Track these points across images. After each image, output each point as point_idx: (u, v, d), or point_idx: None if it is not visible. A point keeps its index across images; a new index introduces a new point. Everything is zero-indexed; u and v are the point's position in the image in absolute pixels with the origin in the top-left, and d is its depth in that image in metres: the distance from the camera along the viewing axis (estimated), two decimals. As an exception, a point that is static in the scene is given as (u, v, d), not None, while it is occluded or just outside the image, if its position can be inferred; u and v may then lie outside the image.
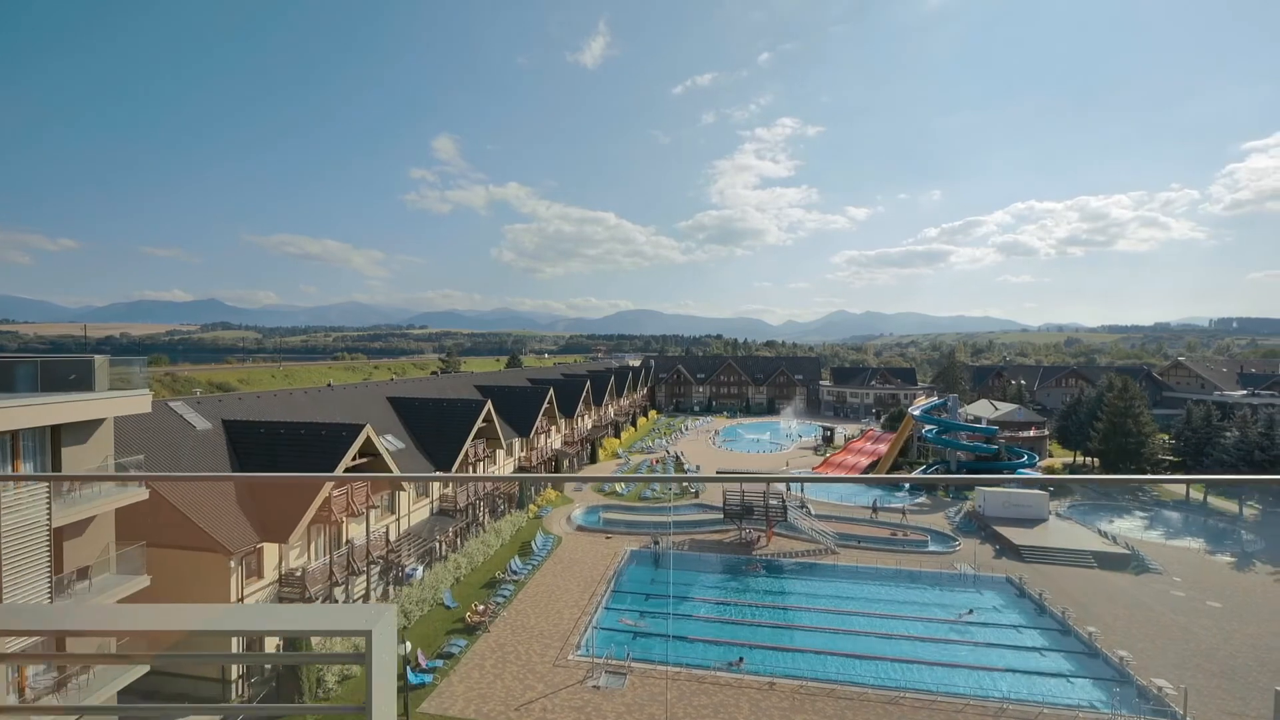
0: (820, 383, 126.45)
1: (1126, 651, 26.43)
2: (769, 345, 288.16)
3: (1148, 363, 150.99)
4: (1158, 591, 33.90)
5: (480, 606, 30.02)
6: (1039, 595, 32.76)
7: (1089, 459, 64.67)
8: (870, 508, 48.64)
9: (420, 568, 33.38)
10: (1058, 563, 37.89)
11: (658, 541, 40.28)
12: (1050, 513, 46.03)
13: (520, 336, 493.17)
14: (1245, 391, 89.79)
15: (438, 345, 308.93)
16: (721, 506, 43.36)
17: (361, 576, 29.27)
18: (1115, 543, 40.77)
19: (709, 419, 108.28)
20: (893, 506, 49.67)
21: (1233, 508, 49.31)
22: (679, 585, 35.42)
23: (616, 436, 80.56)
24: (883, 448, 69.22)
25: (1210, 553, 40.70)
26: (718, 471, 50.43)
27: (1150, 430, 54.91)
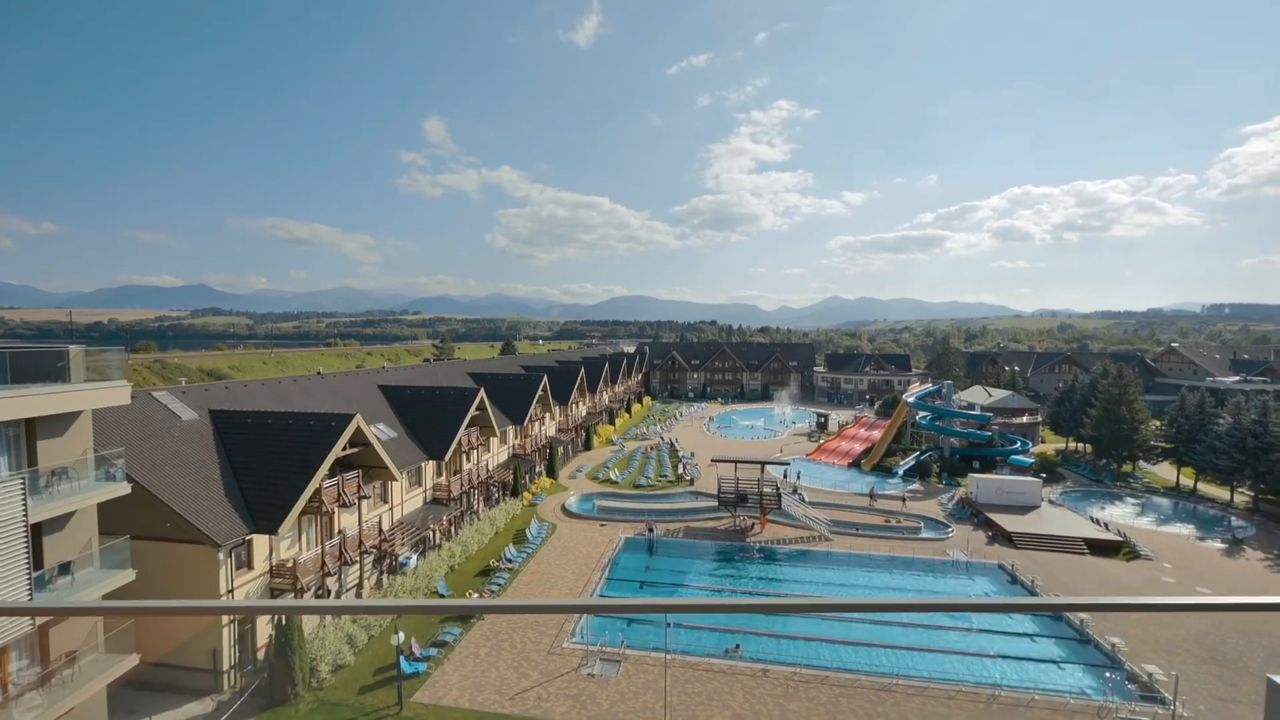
0: (814, 369, 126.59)
1: (1118, 638, 26.62)
2: (763, 331, 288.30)
3: (1140, 349, 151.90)
4: (1149, 578, 34.14)
5: (475, 595, 29.91)
6: (1031, 582, 32.95)
7: (1081, 445, 65.02)
8: (868, 494, 48.77)
9: (414, 556, 33.21)
10: (1050, 549, 38.12)
11: (652, 529, 40.23)
12: (1043, 499, 46.28)
13: (514, 322, 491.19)
14: (1238, 378, 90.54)
15: (432, 331, 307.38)
16: (716, 494, 43.35)
17: (354, 566, 29.04)
18: (1107, 529, 41.03)
19: (703, 405, 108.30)
20: (891, 494, 49.83)
21: (1223, 494, 49.73)
22: (673, 572, 35.43)
23: (611, 423, 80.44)
24: (876, 434, 69.34)
25: (1200, 539, 41.01)
26: (712, 460, 50.35)
27: (1143, 417, 55.12)
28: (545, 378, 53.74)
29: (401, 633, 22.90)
